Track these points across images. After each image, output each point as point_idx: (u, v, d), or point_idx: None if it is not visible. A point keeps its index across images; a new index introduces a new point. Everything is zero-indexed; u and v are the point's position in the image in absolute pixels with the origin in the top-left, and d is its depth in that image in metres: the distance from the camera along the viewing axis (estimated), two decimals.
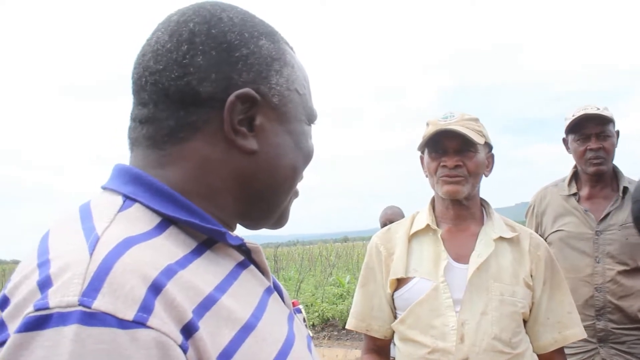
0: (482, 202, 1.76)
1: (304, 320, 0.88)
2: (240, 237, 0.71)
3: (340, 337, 8.00)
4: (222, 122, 0.67)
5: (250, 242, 0.72)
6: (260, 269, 0.74)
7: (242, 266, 0.70)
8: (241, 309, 0.64)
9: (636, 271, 2.31)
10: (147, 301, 0.52)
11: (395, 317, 1.71)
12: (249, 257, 0.73)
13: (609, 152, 2.36)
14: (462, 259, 1.64)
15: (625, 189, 2.37)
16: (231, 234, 0.68)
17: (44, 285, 0.52)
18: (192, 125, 0.67)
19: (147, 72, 0.68)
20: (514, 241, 1.68)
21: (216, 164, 0.68)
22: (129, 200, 0.64)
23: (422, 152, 1.73)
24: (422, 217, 1.73)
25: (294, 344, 0.71)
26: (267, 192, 0.73)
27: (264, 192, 0.73)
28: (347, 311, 7.94)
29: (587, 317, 2.23)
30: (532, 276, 1.65)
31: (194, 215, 0.65)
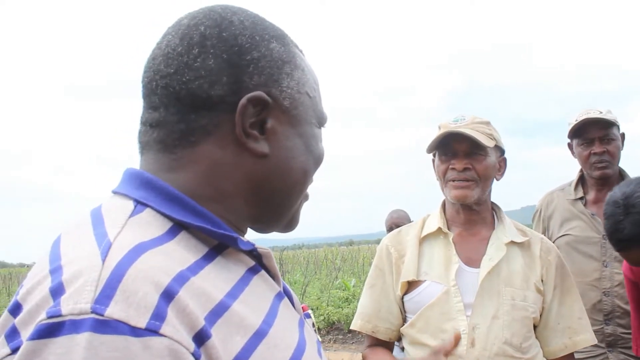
0: (494, 206, 1.75)
1: (313, 325, 0.88)
2: (251, 242, 0.70)
3: (345, 341, 7.99)
4: (234, 125, 0.67)
5: (261, 247, 0.71)
6: (270, 274, 0.74)
7: (253, 271, 0.70)
8: (253, 316, 0.63)
9: None
10: (160, 308, 0.52)
11: (404, 321, 1.70)
12: (259, 262, 0.72)
13: (614, 156, 2.36)
14: (473, 263, 1.63)
15: None
16: (242, 239, 0.68)
17: (57, 292, 0.52)
18: (203, 128, 0.67)
19: (158, 76, 0.68)
20: (524, 246, 1.67)
21: (227, 167, 0.68)
22: (140, 205, 0.64)
23: (433, 155, 1.73)
24: (433, 220, 1.72)
25: (305, 350, 0.71)
26: (278, 196, 0.73)
27: (275, 196, 0.72)
28: (353, 315, 7.88)
29: (595, 322, 2.22)
30: (542, 281, 1.64)
31: (205, 220, 0.65)
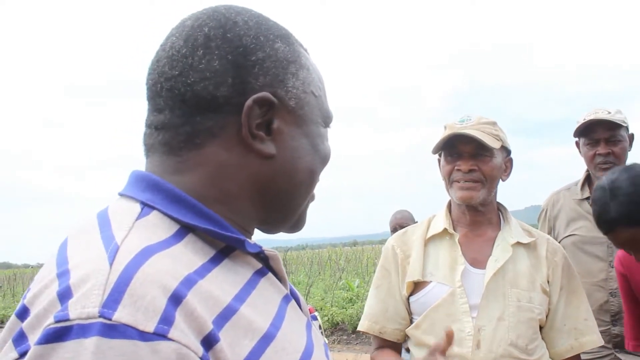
0: (499, 206, 1.74)
1: (320, 327, 0.88)
2: (258, 244, 0.70)
3: (349, 342, 7.99)
4: (239, 127, 0.66)
5: (268, 250, 0.71)
6: (278, 276, 0.73)
7: (260, 274, 0.69)
8: (260, 319, 0.63)
9: None
10: (168, 312, 0.52)
11: (410, 322, 1.70)
12: (266, 265, 0.72)
13: (619, 157, 2.34)
14: (478, 264, 1.63)
15: None
16: (249, 241, 0.68)
17: (64, 296, 0.52)
18: (208, 130, 0.66)
19: (163, 78, 0.67)
20: (530, 246, 1.66)
21: (233, 169, 0.67)
22: (146, 207, 0.63)
23: (439, 155, 1.72)
24: (439, 220, 1.72)
25: (313, 353, 0.70)
26: (284, 196, 0.72)
27: (281, 196, 0.72)
28: (357, 315, 7.93)
29: (602, 323, 2.21)
30: (548, 282, 1.63)
31: (212, 222, 0.64)
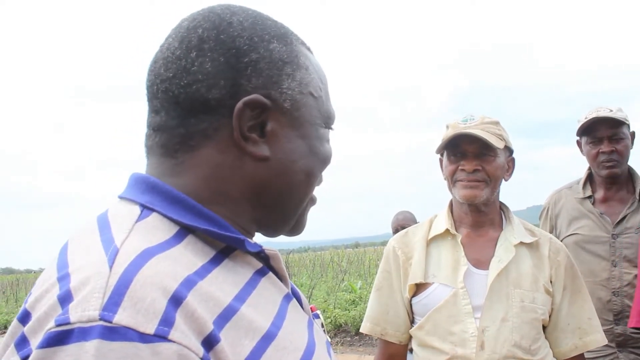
0: (502, 206, 1.74)
1: (322, 325, 0.87)
2: (259, 243, 0.70)
3: (353, 343, 7.98)
4: (233, 129, 0.66)
5: (268, 249, 0.71)
6: (278, 275, 0.73)
7: (260, 274, 0.69)
8: (261, 318, 0.63)
9: None
10: (168, 314, 0.52)
11: (412, 323, 1.69)
12: (267, 264, 0.72)
13: (622, 155, 2.34)
14: (481, 264, 1.63)
15: (637, 190, 2.35)
16: (250, 240, 0.68)
17: (65, 299, 0.52)
18: (202, 132, 0.66)
19: (159, 80, 0.68)
20: (533, 246, 1.66)
21: (228, 171, 0.67)
22: (146, 209, 0.63)
23: (440, 155, 1.72)
24: (441, 221, 1.71)
25: (315, 351, 0.70)
26: (281, 198, 0.72)
27: (278, 198, 0.72)
28: (360, 317, 7.92)
29: (605, 322, 2.20)
30: (551, 282, 1.63)
31: (211, 222, 0.64)
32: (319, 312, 0.88)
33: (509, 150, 1.68)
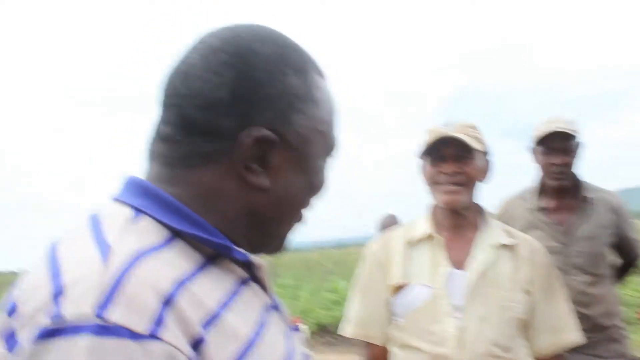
0: (479, 208, 1.76)
1: (304, 338, 0.88)
2: (245, 252, 0.70)
3: (335, 343, 7.97)
4: (236, 156, 0.66)
5: (255, 258, 0.71)
6: (262, 285, 0.74)
7: (243, 283, 0.70)
8: (243, 326, 0.64)
9: (600, 279, 2.41)
10: (160, 314, 0.53)
11: (392, 324, 1.71)
12: (251, 273, 0.72)
13: (571, 167, 2.44)
14: (461, 265, 1.65)
15: (586, 199, 2.44)
16: (237, 249, 0.68)
17: (58, 295, 0.52)
18: (205, 155, 0.67)
19: (174, 94, 0.68)
20: (511, 247, 1.69)
21: (226, 195, 0.68)
22: (139, 212, 0.64)
23: (421, 160, 1.73)
24: (421, 223, 1.74)
25: None
26: (273, 223, 0.73)
27: (269, 224, 0.72)
28: (342, 317, 7.87)
29: None
30: (529, 282, 1.66)
31: (201, 228, 0.65)
32: (301, 325, 0.89)
33: (485, 153, 1.71)
